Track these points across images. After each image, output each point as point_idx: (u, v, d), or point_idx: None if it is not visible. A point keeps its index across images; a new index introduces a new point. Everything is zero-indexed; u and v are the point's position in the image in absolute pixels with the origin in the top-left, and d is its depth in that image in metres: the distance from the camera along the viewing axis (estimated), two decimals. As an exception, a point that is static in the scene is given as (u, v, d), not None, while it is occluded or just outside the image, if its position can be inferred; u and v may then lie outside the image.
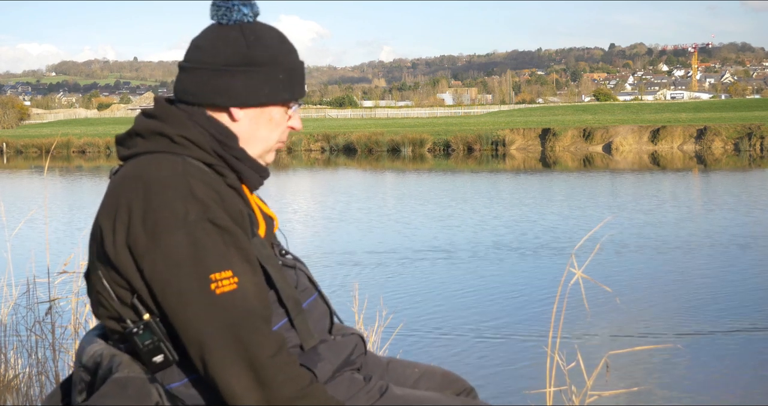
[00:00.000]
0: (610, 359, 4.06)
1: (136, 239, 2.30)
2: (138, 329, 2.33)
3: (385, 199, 26.84)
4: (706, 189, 29.33)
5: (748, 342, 9.37)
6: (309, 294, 2.58)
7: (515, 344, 9.35)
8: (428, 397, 2.59)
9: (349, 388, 2.52)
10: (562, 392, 4.00)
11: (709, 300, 11.53)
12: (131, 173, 2.40)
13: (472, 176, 37.53)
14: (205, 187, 2.33)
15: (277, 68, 2.50)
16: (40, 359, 4.79)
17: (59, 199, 26.38)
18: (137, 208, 2.31)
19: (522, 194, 27.57)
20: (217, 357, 2.26)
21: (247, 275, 2.31)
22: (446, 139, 54.30)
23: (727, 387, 8.02)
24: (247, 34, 2.49)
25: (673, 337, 9.36)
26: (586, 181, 33.68)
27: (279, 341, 2.31)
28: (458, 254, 15.44)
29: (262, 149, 2.56)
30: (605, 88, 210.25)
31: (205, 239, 2.28)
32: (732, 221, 19.23)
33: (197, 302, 2.26)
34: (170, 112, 2.50)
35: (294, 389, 2.28)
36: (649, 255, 15.01)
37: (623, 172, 36.98)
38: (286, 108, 2.55)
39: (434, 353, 8.98)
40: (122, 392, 2.31)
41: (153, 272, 2.29)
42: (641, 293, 11.93)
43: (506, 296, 11.99)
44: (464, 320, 10.55)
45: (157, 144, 2.45)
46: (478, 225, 19.32)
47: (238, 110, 2.51)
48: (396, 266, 14.47)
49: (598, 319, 9.67)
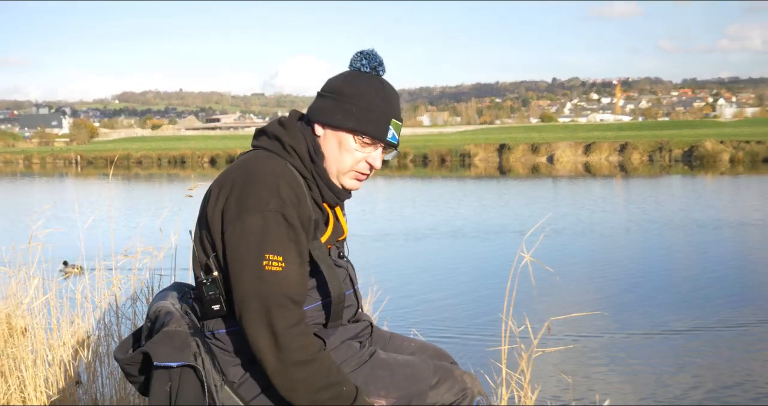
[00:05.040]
0: (551, 323, 4.03)
1: (228, 208, 2.37)
2: (207, 281, 2.42)
3: (376, 199, 26.83)
4: (627, 190, 29.39)
5: (663, 307, 9.38)
6: (347, 288, 2.60)
7: (477, 312, 9.35)
8: (407, 359, 2.58)
9: (346, 352, 2.53)
10: (514, 350, 3.99)
11: (631, 276, 11.56)
12: (246, 160, 2.48)
13: (444, 181, 37.55)
14: (290, 190, 2.38)
15: (353, 102, 2.50)
16: (107, 324, 4.80)
17: (121, 200, 26.34)
18: (237, 187, 2.38)
19: (483, 195, 27.59)
20: (249, 317, 2.30)
21: (294, 264, 2.35)
22: (424, 152, 54.36)
23: (644, 345, 8.03)
24: (352, 75, 2.55)
25: (601, 306, 9.37)
26: (534, 185, 33.71)
27: (299, 317, 2.33)
28: (433, 241, 15.47)
29: (336, 169, 2.55)
30: (549, 112, 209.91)
31: (274, 227, 2.33)
32: (647, 215, 19.28)
33: (249, 271, 2.31)
34: (292, 123, 2.57)
35: (304, 354, 2.30)
36: (583, 242, 15.03)
37: (562, 178, 37.01)
38: (362, 141, 2.54)
39: (414, 318, 8.97)
40: (170, 341, 2.34)
41: (231, 237, 2.35)
42: (577, 272, 11.95)
43: (469, 274, 12.00)
44: (437, 294, 10.56)
45: (273, 145, 2.53)
46: (448, 218, 19.33)
47: (320, 127, 2.55)
48: (384, 248, 14.49)
49: (543, 292, 9.67)
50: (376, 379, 2.48)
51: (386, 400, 2.45)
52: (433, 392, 2.49)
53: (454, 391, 2.52)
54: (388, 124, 2.53)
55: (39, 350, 4.54)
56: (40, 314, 4.74)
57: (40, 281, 4.94)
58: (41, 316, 4.73)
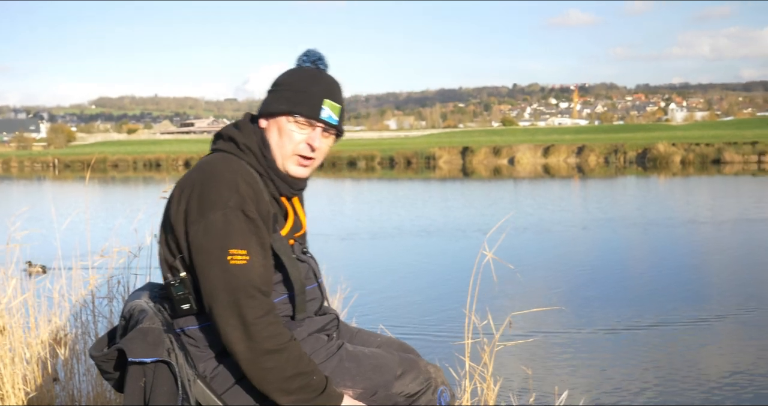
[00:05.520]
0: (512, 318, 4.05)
1: (190, 209, 2.37)
2: (176, 282, 2.41)
3: (344, 199, 26.80)
4: (585, 191, 29.58)
5: (619, 302, 9.46)
6: (310, 283, 2.60)
7: (442, 308, 9.36)
8: (373, 351, 2.59)
9: (314, 345, 2.53)
10: (477, 344, 4.00)
11: (588, 273, 11.63)
12: (205, 163, 2.49)
13: (410, 182, 37.57)
14: (247, 186, 2.39)
15: (287, 88, 2.55)
16: (84, 322, 4.76)
17: (97, 202, 26.08)
18: (198, 188, 2.38)
19: (447, 195, 27.64)
20: (219, 310, 2.30)
21: (258, 256, 2.35)
22: (391, 155, 54.42)
23: (601, 339, 8.09)
24: (293, 69, 2.61)
25: (560, 301, 9.42)
26: (496, 186, 33.84)
27: (268, 307, 2.33)
28: (400, 240, 15.47)
29: (280, 155, 2.56)
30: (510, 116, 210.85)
31: (235, 222, 2.33)
32: (604, 214, 19.42)
33: (216, 266, 2.31)
34: (245, 124, 2.60)
35: (274, 343, 2.29)
36: (543, 240, 15.11)
37: (523, 179, 37.19)
38: (296, 123, 2.54)
39: (382, 314, 8.97)
40: (143, 338, 2.34)
41: (195, 236, 2.35)
42: (537, 269, 12.01)
43: (434, 272, 12.02)
44: (404, 291, 10.56)
45: (229, 146, 2.55)
46: (414, 218, 19.34)
47: (263, 120, 2.58)
48: (353, 247, 14.47)
49: (504, 289, 9.71)
50: (344, 370, 2.48)
51: (353, 390, 2.45)
52: (399, 383, 2.50)
53: (418, 381, 2.53)
54: (320, 103, 2.54)
55: (17, 348, 4.49)
56: (18, 313, 4.68)
57: (18, 281, 4.89)
58: (19, 315, 4.68)
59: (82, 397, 4.49)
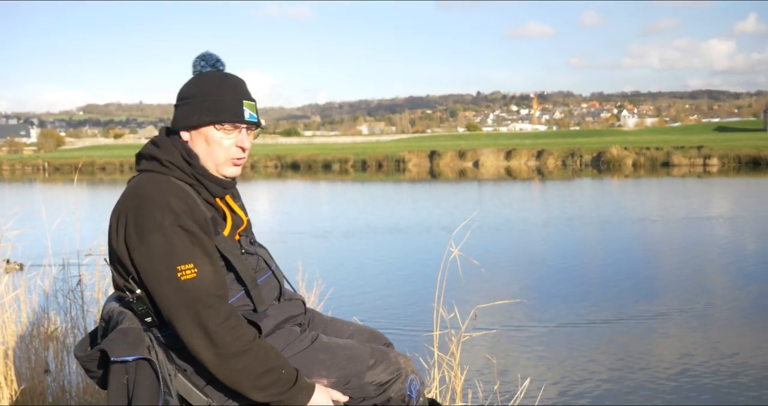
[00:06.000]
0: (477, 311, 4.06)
1: (129, 236, 2.31)
2: (133, 299, 2.35)
3: (320, 200, 26.76)
4: (544, 191, 29.74)
5: (578, 296, 9.52)
6: (263, 273, 2.56)
7: (412, 302, 9.38)
8: (347, 343, 2.58)
9: (287, 338, 2.50)
10: (445, 335, 4.01)
11: (549, 268, 11.70)
12: (133, 187, 2.40)
13: (382, 184, 37.58)
14: (179, 201, 2.32)
15: (203, 99, 2.45)
16: (73, 317, 4.72)
17: (85, 203, 25.83)
18: (131, 214, 2.31)
19: (417, 196, 27.67)
20: (181, 325, 2.27)
21: (206, 265, 2.30)
22: (363, 158, 54.36)
23: (560, 330, 8.13)
24: (197, 78, 2.49)
25: (522, 295, 9.47)
26: (461, 187, 33.93)
27: (228, 312, 2.30)
28: (372, 238, 15.47)
29: (213, 163, 2.48)
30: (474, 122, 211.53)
31: (175, 240, 2.27)
32: (562, 213, 19.53)
33: (167, 285, 2.26)
34: (163, 140, 2.50)
35: (239, 346, 2.27)
36: (506, 237, 15.18)
37: (487, 180, 37.32)
38: (223, 130, 2.47)
39: (356, 308, 8.97)
40: (124, 338, 2.31)
41: (140, 261, 2.29)
42: (501, 264, 12.06)
43: (405, 268, 12.03)
44: (376, 285, 10.57)
45: (152, 165, 2.45)
46: (385, 218, 19.35)
47: (185, 133, 2.49)
48: (329, 245, 14.45)
49: (470, 283, 9.73)
50: (318, 361, 2.47)
51: (328, 379, 2.45)
52: (371, 372, 2.50)
53: (389, 371, 2.53)
54: (240, 106, 2.48)
55: (9, 341, 4.44)
56: (11, 308, 4.64)
57: (10, 277, 4.83)
58: (11, 310, 4.63)
59: (73, 388, 4.46)
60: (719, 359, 6.97)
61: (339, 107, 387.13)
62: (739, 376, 6.50)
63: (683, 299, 9.37)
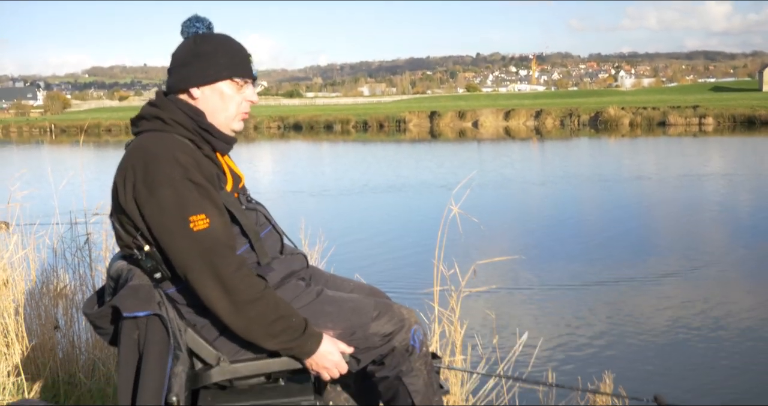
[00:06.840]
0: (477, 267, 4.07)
1: (138, 192, 2.28)
2: (141, 256, 2.34)
3: (322, 159, 26.73)
4: (542, 151, 29.71)
5: (575, 254, 9.55)
6: (265, 227, 2.56)
7: (413, 259, 9.41)
8: (351, 296, 2.60)
9: (294, 291, 2.51)
10: (445, 291, 4.02)
11: (547, 225, 11.72)
12: (137, 146, 2.37)
13: (383, 144, 37.52)
14: (186, 156, 2.31)
15: (218, 55, 2.45)
16: (82, 274, 4.73)
17: (92, 164, 25.83)
18: (139, 170, 2.29)
19: (417, 156, 27.63)
20: (195, 275, 2.26)
21: (216, 216, 2.30)
22: (365, 119, 54.20)
23: (558, 286, 8.17)
24: (197, 38, 2.48)
25: (521, 251, 9.49)
26: (461, 146, 33.88)
27: (239, 261, 2.31)
28: (374, 197, 15.49)
29: (224, 118, 2.49)
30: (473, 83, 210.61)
31: (186, 192, 2.26)
32: (561, 171, 19.53)
33: (180, 237, 2.26)
34: (164, 101, 2.48)
35: (252, 293, 2.28)
36: (505, 195, 15.19)
37: (486, 140, 37.24)
38: (236, 85, 2.48)
39: (358, 264, 8.99)
40: (135, 294, 2.30)
41: (151, 216, 2.28)
42: (500, 222, 12.07)
43: (406, 226, 12.05)
44: (378, 243, 10.60)
45: (155, 124, 2.43)
46: (388, 176, 19.35)
47: (196, 90, 2.47)
48: (330, 204, 14.46)
49: (469, 240, 9.73)
50: (324, 313, 2.49)
51: (333, 331, 2.48)
52: (375, 324, 2.51)
53: (393, 322, 2.54)
54: (249, 61, 2.52)
55: (20, 299, 4.46)
56: (20, 267, 4.65)
57: (19, 237, 4.83)
58: (21, 269, 4.64)
59: (82, 344, 4.48)
60: (716, 317, 7.01)
61: (340, 69, 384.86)
62: (734, 334, 6.54)
63: (680, 256, 9.39)
